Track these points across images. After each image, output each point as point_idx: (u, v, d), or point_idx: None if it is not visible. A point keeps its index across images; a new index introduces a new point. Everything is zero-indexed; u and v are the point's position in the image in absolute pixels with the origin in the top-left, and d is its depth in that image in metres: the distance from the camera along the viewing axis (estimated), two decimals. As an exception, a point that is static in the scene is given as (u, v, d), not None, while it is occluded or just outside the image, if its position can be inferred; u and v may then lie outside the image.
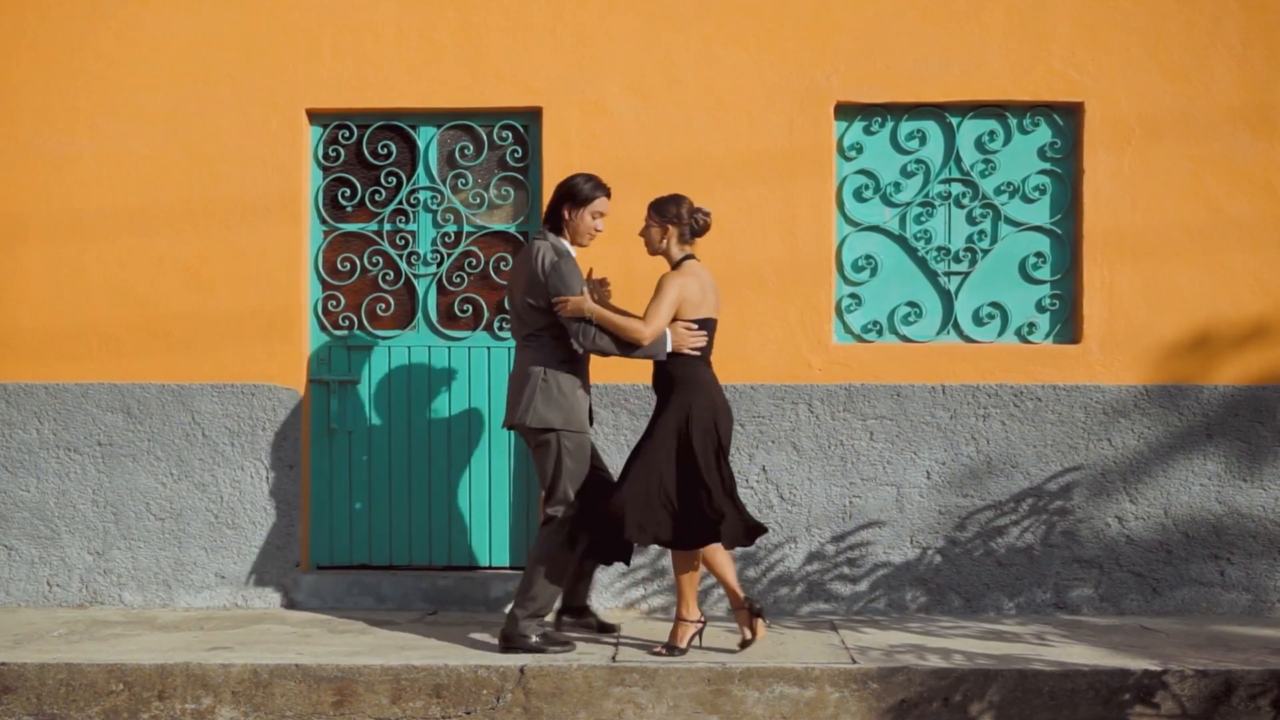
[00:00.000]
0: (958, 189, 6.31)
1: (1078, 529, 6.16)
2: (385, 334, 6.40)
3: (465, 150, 6.38)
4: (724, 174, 6.17)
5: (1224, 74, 6.17)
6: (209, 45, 6.29)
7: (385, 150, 6.39)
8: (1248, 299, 6.16)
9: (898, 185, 6.29)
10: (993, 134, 6.29)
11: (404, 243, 6.39)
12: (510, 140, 6.38)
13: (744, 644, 5.27)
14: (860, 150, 6.31)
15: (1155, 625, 5.90)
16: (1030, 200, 6.29)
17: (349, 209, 6.42)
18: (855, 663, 5.10)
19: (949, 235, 6.31)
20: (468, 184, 6.41)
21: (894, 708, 4.96)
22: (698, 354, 5.30)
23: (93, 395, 6.30)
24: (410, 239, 6.39)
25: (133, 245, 6.29)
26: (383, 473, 6.39)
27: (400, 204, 6.40)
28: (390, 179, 6.40)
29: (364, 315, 6.39)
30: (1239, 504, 6.15)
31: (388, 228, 6.41)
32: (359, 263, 6.40)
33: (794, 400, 6.19)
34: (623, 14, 6.23)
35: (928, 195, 6.30)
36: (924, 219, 6.30)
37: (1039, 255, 6.28)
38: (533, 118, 6.33)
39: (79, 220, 6.30)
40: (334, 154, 6.40)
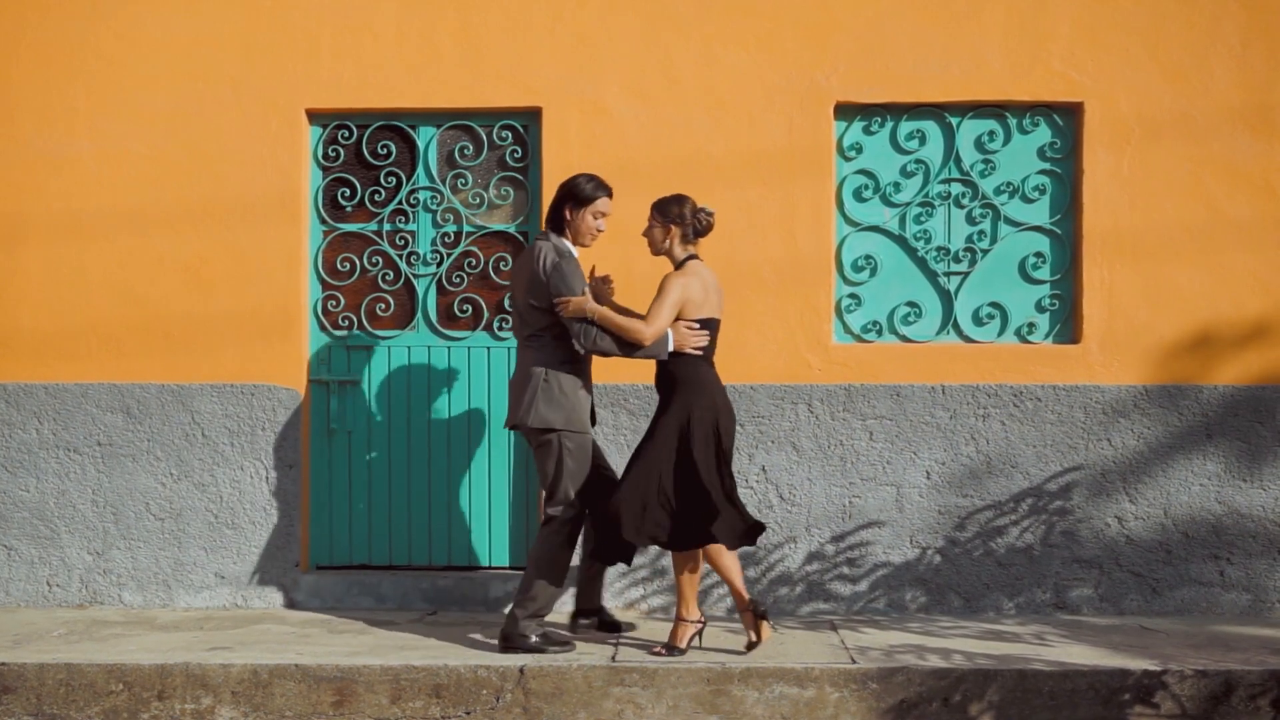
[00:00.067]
0: (957, 189, 6.31)
1: (1077, 529, 6.16)
2: (385, 334, 6.40)
3: (465, 150, 6.39)
4: (724, 174, 6.17)
5: (1223, 74, 6.17)
6: (209, 45, 6.29)
7: (385, 150, 6.39)
8: (1247, 299, 6.17)
9: (897, 185, 6.30)
10: (992, 134, 6.29)
11: (404, 243, 6.39)
12: (510, 140, 6.38)
13: (749, 646, 5.25)
14: (860, 150, 6.31)
15: (1155, 625, 5.90)
16: (1030, 200, 6.30)
17: (349, 209, 6.42)
18: (855, 663, 5.10)
19: (949, 235, 6.31)
20: (467, 184, 6.41)
21: (894, 708, 4.96)
22: (700, 354, 5.30)
23: (93, 395, 6.30)
24: (410, 239, 6.39)
25: (133, 245, 6.29)
26: (383, 473, 6.39)
27: (400, 204, 6.40)
28: (390, 179, 6.40)
29: (364, 315, 6.39)
30: (1239, 504, 6.15)
31: (387, 228, 6.41)
32: (359, 263, 6.40)
33: (794, 400, 6.19)
34: (623, 14, 6.24)
35: (927, 195, 6.30)
36: (924, 219, 6.31)
37: (1039, 255, 6.28)
38: (532, 118, 6.33)
39: (79, 220, 6.30)
40: (334, 154, 6.40)
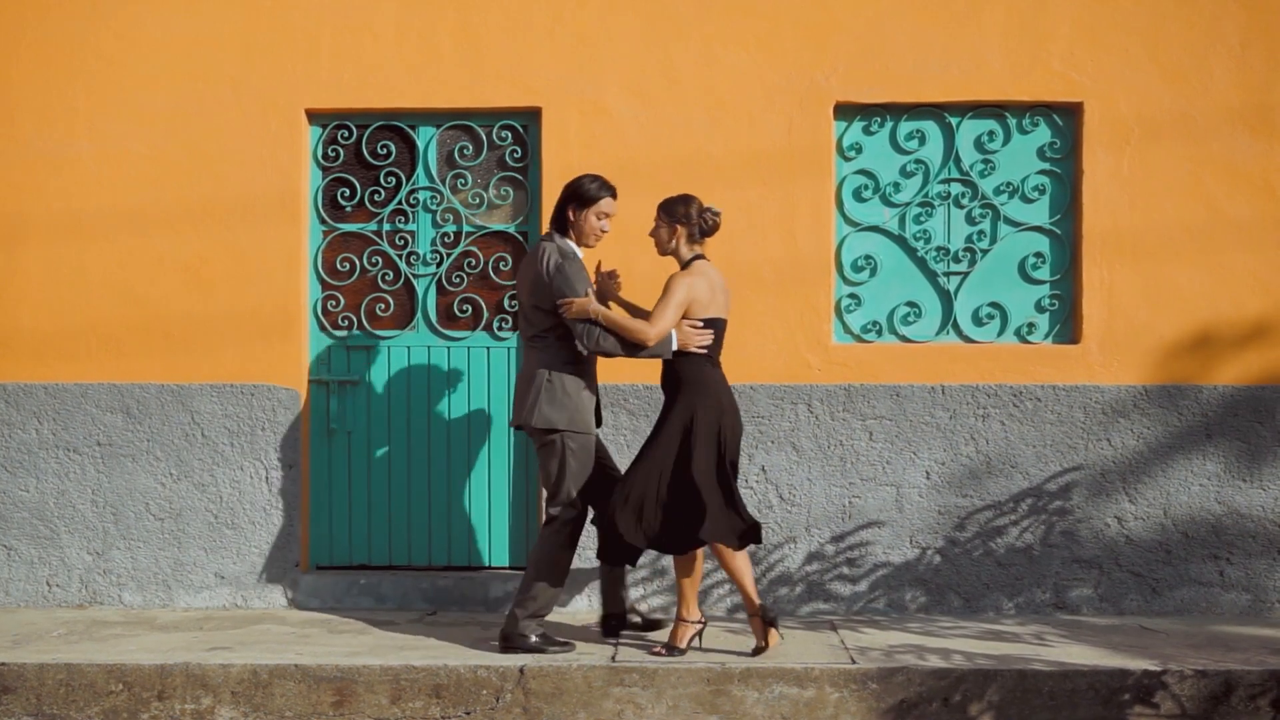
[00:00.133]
0: (957, 189, 6.31)
1: (1077, 529, 6.16)
2: (385, 334, 6.40)
3: (465, 150, 6.39)
4: (724, 174, 6.17)
5: (1223, 74, 6.17)
6: (209, 45, 6.29)
7: (385, 150, 6.39)
8: (1247, 299, 6.17)
9: (897, 185, 6.30)
10: (992, 134, 6.29)
11: (403, 243, 6.39)
12: (509, 140, 6.38)
13: (756, 651, 5.22)
14: (860, 150, 6.31)
15: (1155, 625, 5.90)
16: (1029, 200, 6.30)
17: (348, 209, 6.42)
18: (855, 663, 5.10)
19: (948, 235, 6.31)
20: (467, 184, 6.41)
21: (894, 708, 4.96)
22: (704, 352, 5.29)
23: (92, 395, 6.30)
24: (410, 239, 6.39)
25: (133, 245, 6.29)
26: (382, 473, 6.39)
27: (400, 204, 6.40)
28: (390, 179, 6.40)
29: (363, 315, 6.39)
30: (1238, 504, 6.15)
31: (387, 228, 6.41)
32: (358, 263, 6.40)
33: (793, 400, 6.19)
34: (623, 14, 6.24)
35: (927, 195, 6.30)
36: (923, 219, 6.31)
37: (1038, 255, 6.28)
38: (532, 118, 6.33)
39: (79, 220, 6.30)
40: (333, 154, 6.40)
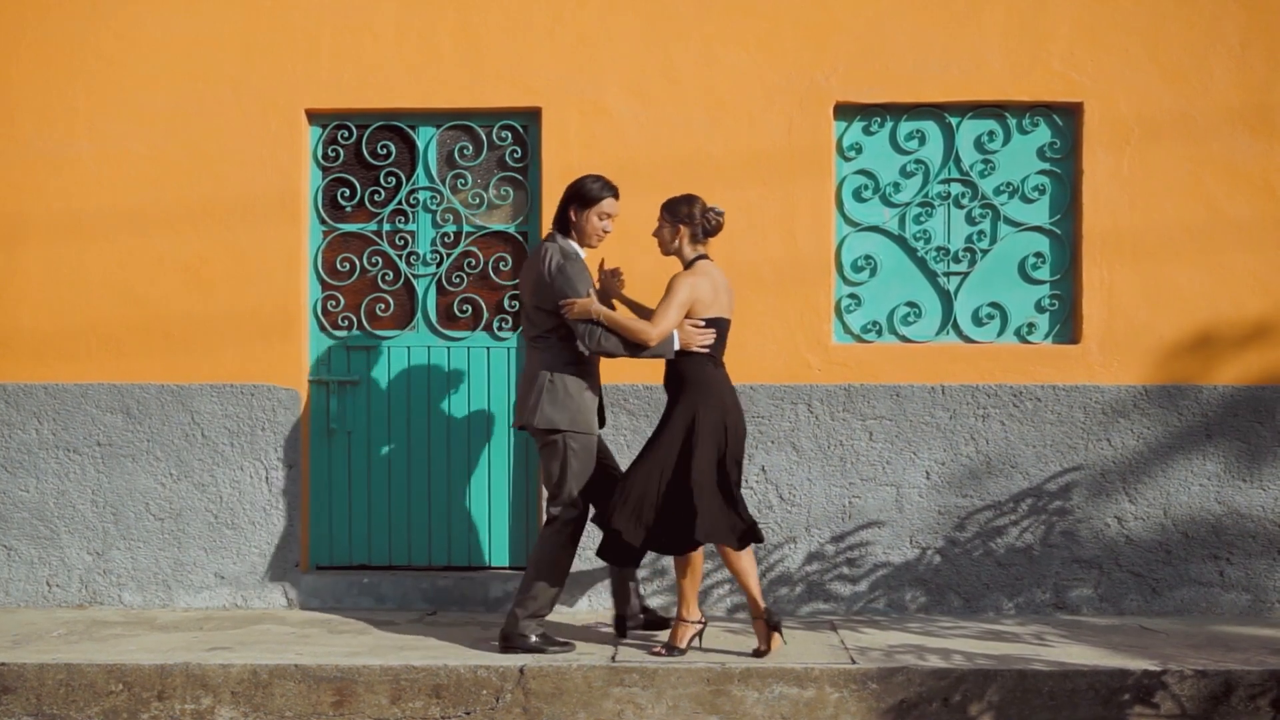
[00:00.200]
0: (957, 189, 6.31)
1: (1077, 529, 6.16)
2: (385, 334, 6.40)
3: (464, 150, 6.39)
4: (724, 174, 6.17)
5: (1223, 74, 6.17)
6: (209, 45, 6.29)
7: (384, 150, 6.39)
8: (1247, 299, 6.17)
9: (897, 185, 6.29)
10: (992, 134, 6.29)
11: (403, 243, 6.39)
12: (509, 140, 6.38)
13: (757, 653, 5.21)
14: (860, 150, 6.31)
15: (1155, 625, 5.90)
16: (1029, 200, 6.30)
17: (348, 209, 6.42)
18: (855, 663, 5.10)
19: (948, 235, 6.31)
20: (467, 184, 6.41)
21: (894, 708, 4.96)
22: (706, 351, 5.28)
23: (92, 395, 6.30)
24: (409, 239, 6.39)
25: (133, 245, 6.29)
26: (382, 473, 6.39)
27: (399, 204, 6.40)
28: (389, 179, 6.40)
29: (363, 315, 6.39)
30: (1238, 504, 6.15)
31: (387, 228, 6.41)
32: (358, 263, 6.40)
33: (793, 400, 6.19)
34: (623, 14, 6.24)
35: (927, 195, 6.30)
36: (923, 219, 6.31)
37: (1038, 255, 6.28)
38: (532, 118, 6.33)
39: (79, 220, 6.30)
40: (333, 154, 6.40)
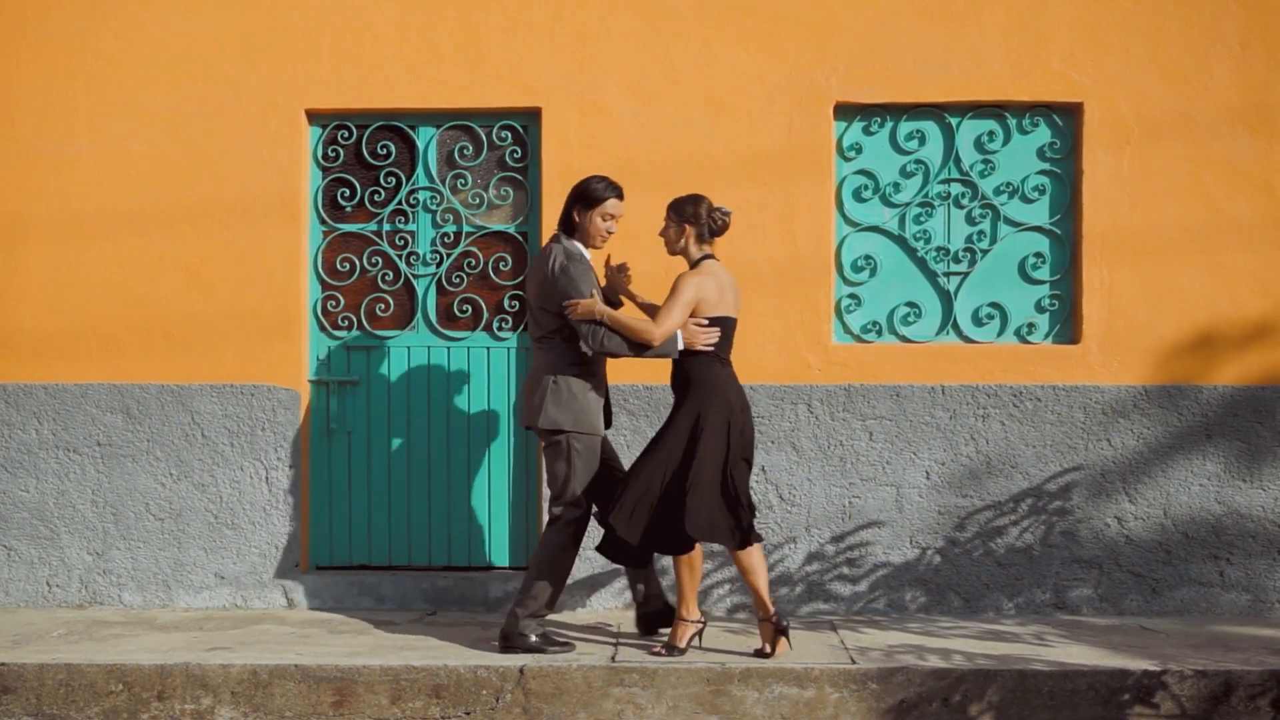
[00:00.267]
0: (957, 189, 6.31)
1: (1077, 529, 6.16)
2: (385, 334, 6.40)
3: (464, 150, 6.38)
4: (724, 174, 6.17)
5: (1223, 74, 6.17)
6: (209, 45, 6.29)
7: (384, 150, 6.39)
8: (1247, 299, 6.17)
9: (897, 185, 6.29)
10: (992, 134, 6.29)
11: (403, 243, 6.39)
12: (509, 140, 6.38)
13: (759, 654, 5.21)
14: (860, 150, 6.31)
15: (1155, 625, 5.90)
16: (1029, 200, 6.29)
17: (348, 209, 6.42)
18: (855, 663, 5.10)
19: (948, 235, 6.31)
20: (467, 184, 6.41)
21: (894, 708, 4.96)
22: (712, 349, 5.26)
23: (92, 395, 6.30)
24: (409, 239, 6.39)
25: (133, 245, 6.29)
26: (382, 473, 6.39)
27: (399, 204, 6.40)
28: (389, 179, 6.40)
29: (363, 315, 6.39)
30: (1238, 504, 6.15)
31: (387, 228, 6.41)
32: (358, 263, 6.40)
33: (793, 400, 6.19)
34: (623, 14, 6.23)
35: (927, 195, 6.30)
36: (923, 219, 6.31)
37: (1038, 255, 6.28)
38: (532, 118, 6.33)
39: (79, 220, 6.30)
40: (333, 154, 6.40)
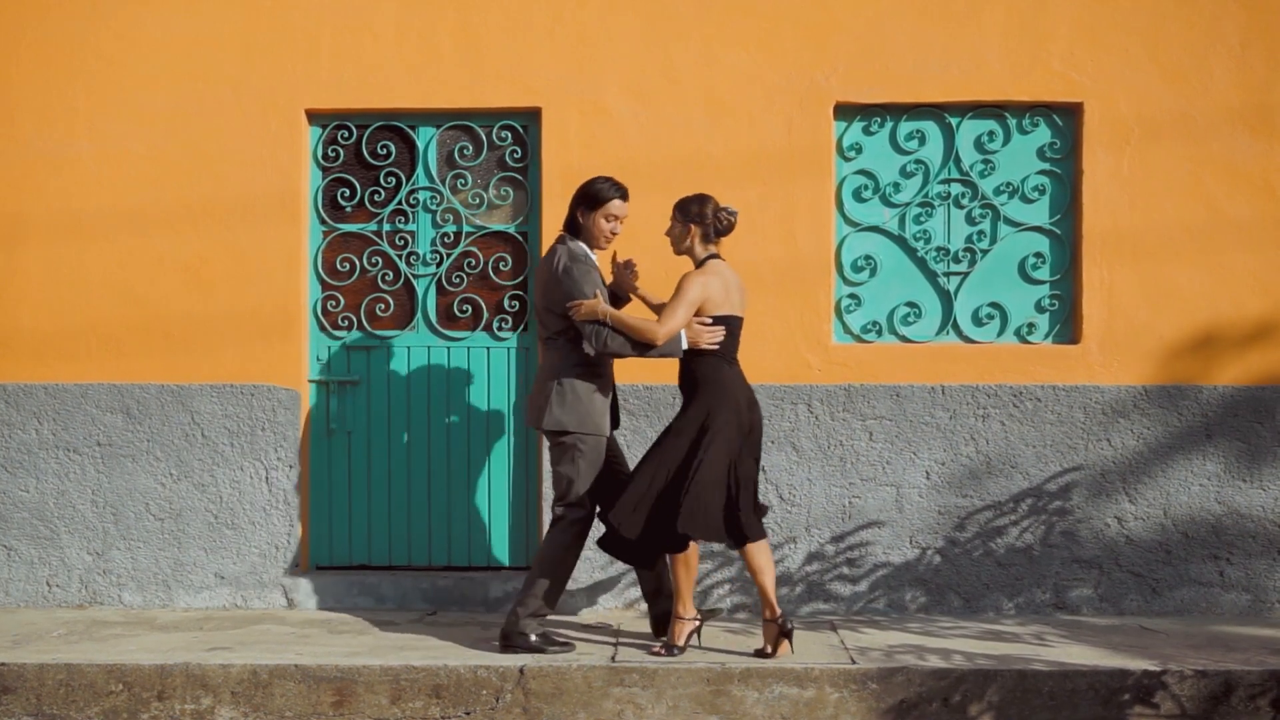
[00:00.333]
0: (957, 189, 6.31)
1: (1077, 529, 6.16)
2: (385, 334, 6.40)
3: (464, 150, 6.38)
4: (723, 174, 6.17)
5: (1223, 74, 6.17)
6: (209, 45, 6.29)
7: (384, 150, 6.39)
8: (1247, 299, 6.17)
9: (897, 185, 6.29)
10: (992, 134, 6.29)
11: (403, 243, 6.39)
12: (509, 140, 6.38)
13: (760, 653, 5.21)
14: (859, 150, 6.31)
15: (1155, 625, 5.90)
16: (1029, 200, 6.30)
17: (348, 209, 6.42)
18: (855, 663, 5.10)
19: (948, 235, 6.31)
20: (467, 184, 6.41)
21: (894, 708, 4.96)
22: (716, 348, 5.25)
23: (92, 395, 6.30)
24: (409, 239, 6.39)
25: (133, 245, 6.29)
26: (382, 473, 6.39)
27: (399, 204, 6.40)
28: (389, 179, 6.40)
29: (363, 315, 6.39)
30: (1238, 504, 6.15)
31: (387, 228, 6.41)
32: (358, 263, 6.40)
33: (793, 400, 6.19)
34: (623, 14, 6.23)
35: (927, 195, 6.30)
36: (923, 219, 6.31)
37: (1038, 255, 6.28)
38: (532, 118, 6.33)
39: (79, 220, 6.30)
40: (333, 154, 6.40)
